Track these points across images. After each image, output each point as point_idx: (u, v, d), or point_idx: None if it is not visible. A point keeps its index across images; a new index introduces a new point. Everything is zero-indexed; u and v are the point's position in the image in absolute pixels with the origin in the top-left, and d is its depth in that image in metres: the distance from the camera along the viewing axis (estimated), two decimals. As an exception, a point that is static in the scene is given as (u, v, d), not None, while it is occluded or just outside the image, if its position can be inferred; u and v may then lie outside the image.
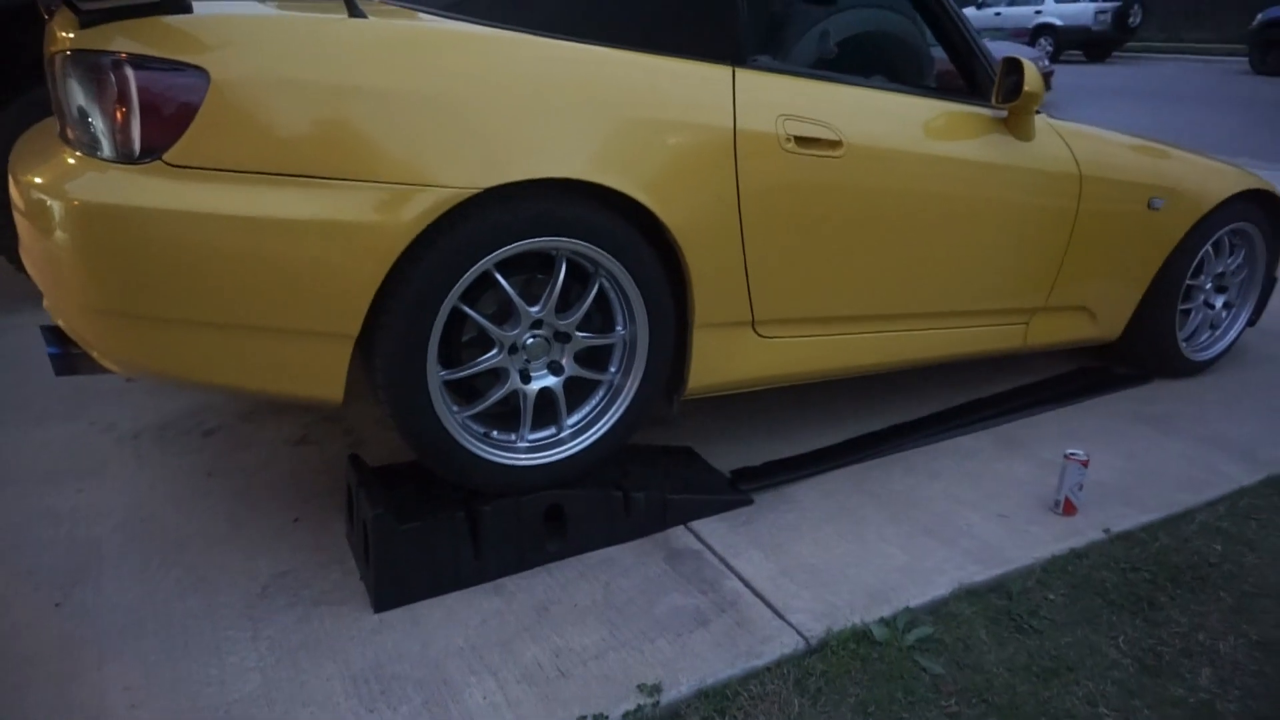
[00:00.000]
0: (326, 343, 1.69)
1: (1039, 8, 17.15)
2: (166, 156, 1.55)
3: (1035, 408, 2.78)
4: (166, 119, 1.55)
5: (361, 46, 1.64)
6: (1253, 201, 2.89)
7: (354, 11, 1.69)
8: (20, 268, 3.37)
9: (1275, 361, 3.18)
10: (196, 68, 1.55)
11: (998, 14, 17.77)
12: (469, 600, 1.88)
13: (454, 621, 1.82)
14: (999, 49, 11.33)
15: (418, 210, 1.64)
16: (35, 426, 2.61)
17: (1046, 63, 11.33)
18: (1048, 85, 11.09)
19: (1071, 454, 2.20)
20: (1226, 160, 2.96)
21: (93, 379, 2.88)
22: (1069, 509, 2.21)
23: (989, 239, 2.40)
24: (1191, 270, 2.84)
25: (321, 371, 1.71)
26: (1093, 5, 16.42)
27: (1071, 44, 16.95)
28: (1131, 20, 16.35)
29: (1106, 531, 2.16)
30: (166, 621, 1.80)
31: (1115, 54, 17.76)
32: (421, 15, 1.89)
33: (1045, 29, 16.93)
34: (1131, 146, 2.69)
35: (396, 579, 1.85)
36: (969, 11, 17.94)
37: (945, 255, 2.33)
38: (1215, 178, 2.78)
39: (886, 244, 2.22)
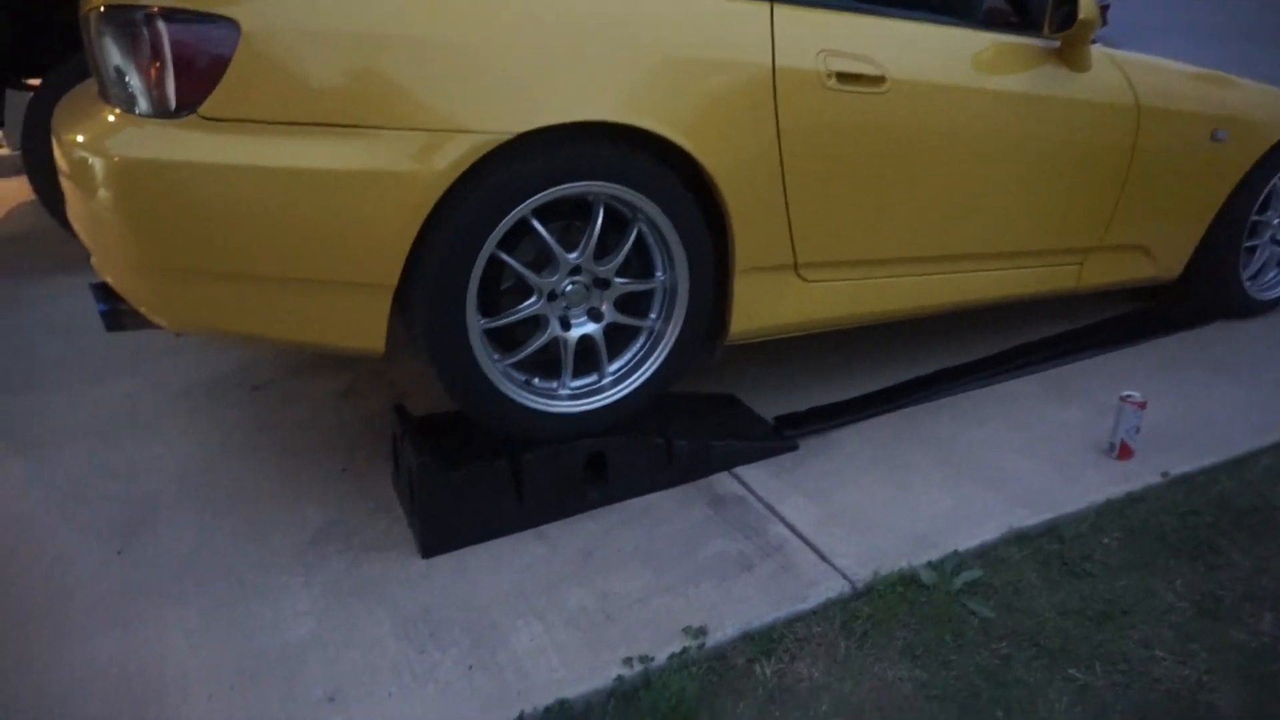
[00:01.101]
0: (366, 294, 1.69)
1: (1093, -60, 16.40)
2: (201, 110, 1.55)
3: (1088, 351, 2.70)
4: (199, 72, 1.55)
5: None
6: (1326, 133, 2.74)
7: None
8: (70, 230, 3.43)
9: (1345, 300, 3.05)
10: (227, 19, 1.54)
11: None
12: (513, 546, 1.90)
13: (499, 567, 1.83)
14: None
15: (452, 157, 1.62)
16: (92, 384, 2.67)
17: (1102, -3, 10.84)
18: (1103, 20, 10.65)
19: (1127, 396, 2.13)
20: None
21: (144, 338, 2.94)
22: (1124, 453, 2.15)
23: (1041, 176, 2.31)
24: (1258, 205, 2.71)
25: (362, 323, 1.72)
26: (1151, -64, 15.63)
27: (1128, -22, 16.20)
28: (1193, -50, 15.55)
29: (1164, 475, 2.10)
30: (222, 569, 1.85)
31: (1176, -13, 16.93)
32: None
33: (1100, -37, 16.19)
34: (1194, 76, 2.57)
35: (442, 526, 1.87)
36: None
37: (995, 193, 2.26)
38: (1283, 107, 2.65)
39: (933, 182, 2.15)
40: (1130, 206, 2.51)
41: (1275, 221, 2.86)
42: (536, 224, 1.76)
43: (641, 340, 1.99)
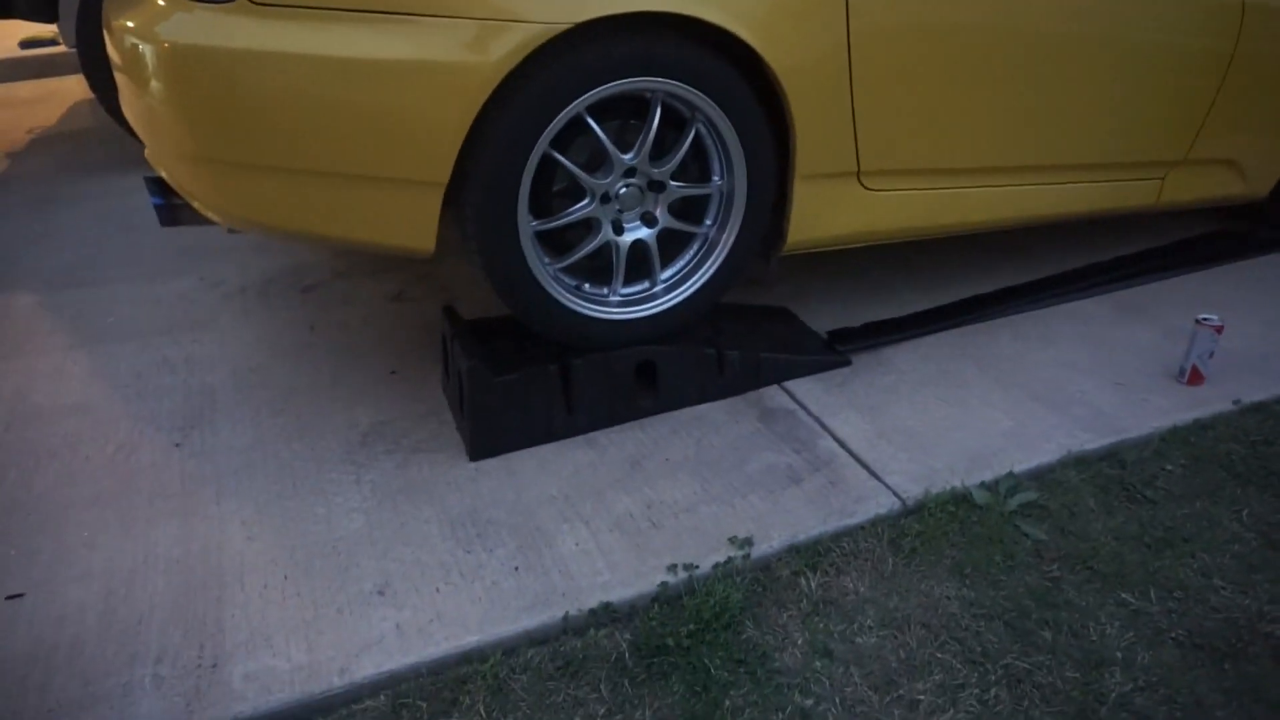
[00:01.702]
0: (416, 191, 1.65)
1: None
2: (252, -7, 1.51)
3: (1163, 272, 2.57)
4: (248, -47, 1.50)
5: None
6: None
7: None
8: (126, 126, 3.44)
9: None
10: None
11: None
12: (561, 452, 1.90)
13: (547, 472, 1.84)
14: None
15: (506, 48, 1.55)
16: (150, 283, 2.71)
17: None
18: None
19: (1204, 319, 2.03)
20: None
21: (199, 235, 2.96)
22: (1195, 378, 2.06)
23: (1126, 80, 2.16)
24: (1362, 119, 2.51)
25: (412, 221, 1.69)
26: None
27: None
28: None
29: (1236, 402, 2.01)
30: (276, 464, 1.89)
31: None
32: None
33: None
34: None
35: (491, 429, 1.88)
36: None
37: (1074, 100, 2.12)
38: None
39: (1007, 87, 2.02)
40: (1222, 116, 2.34)
41: (1380, 137, 2.65)
42: (591, 121, 1.70)
43: (695, 248, 1.94)
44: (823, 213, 1.98)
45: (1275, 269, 2.62)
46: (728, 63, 1.73)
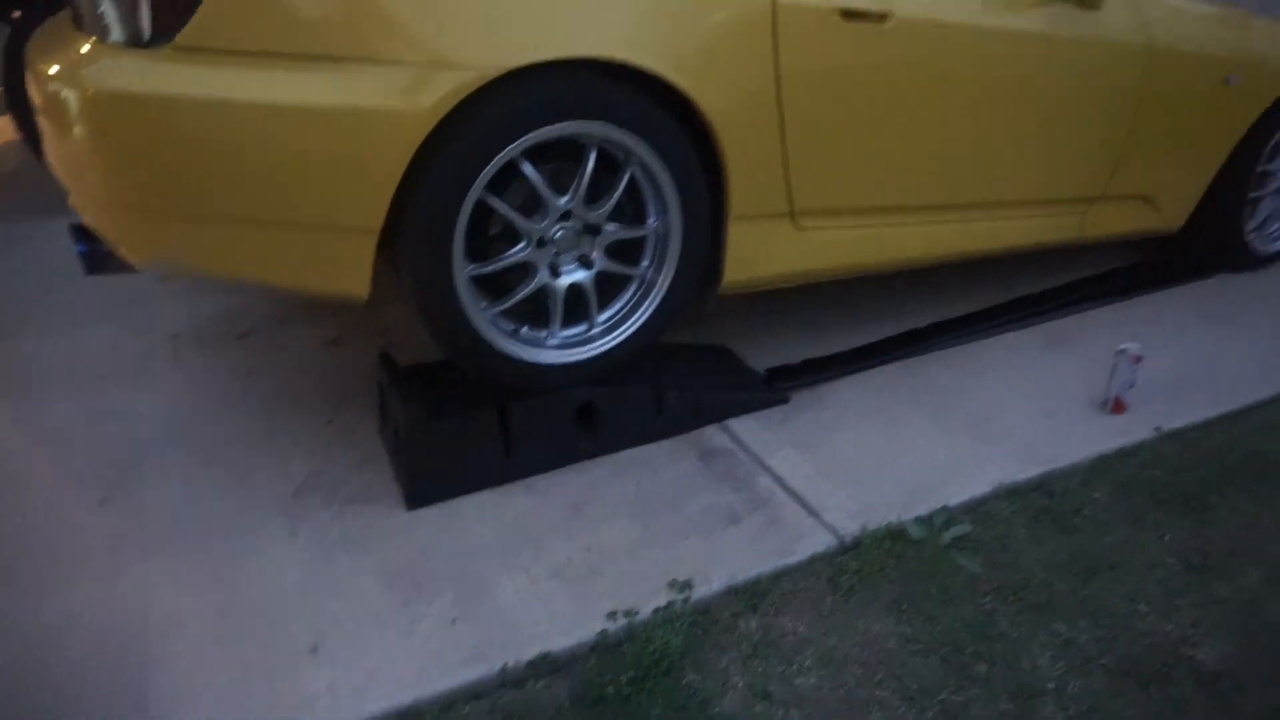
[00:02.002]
0: (349, 237, 1.64)
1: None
2: (179, 39, 1.49)
3: (1088, 303, 2.66)
4: (174, -2, 1.48)
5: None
6: (1340, 78, 2.66)
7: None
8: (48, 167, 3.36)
9: (1350, 253, 3.00)
10: (204, -58, 1.47)
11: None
12: (501, 498, 1.88)
13: (486, 519, 1.82)
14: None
15: (439, 94, 1.56)
16: (76, 330, 2.63)
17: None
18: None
19: (1124, 350, 2.10)
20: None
21: (129, 283, 2.88)
22: (1119, 407, 2.13)
23: (1047, 120, 2.24)
24: (1267, 155, 2.65)
25: (346, 267, 1.67)
26: None
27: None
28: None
29: (1158, 430, 2.08)
30: (207, 519, 1.84)
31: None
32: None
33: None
34: (1210, 16, 2.48)
35: (428, 477, 1.85)
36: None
37: (998, 139, 2.19)
38: (1299, 52, 2.56)
39: (936, 127, 2.08)
40: (1136, 154, 2.44)
41: (1282, 171, 2.80)
42: (526, 166, 1.71)
43: (632, 289, 1.95)
44: (758, 253, 2.01)
45: (1191, 298, 2.73)
46: (660, 106, 1.75)
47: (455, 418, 1.84)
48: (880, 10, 1.91)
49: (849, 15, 1.87)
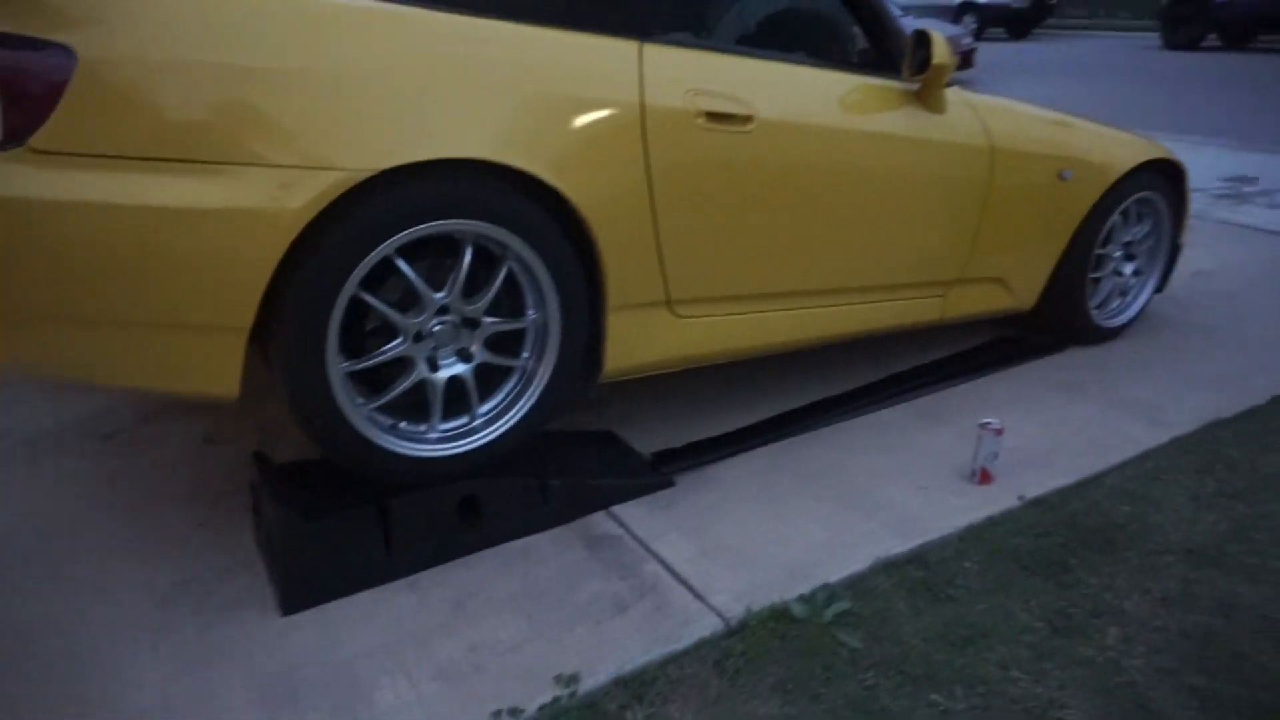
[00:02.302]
0: (217, 336, 1.61)
1: (963, -15, 17.41)
2: (32, 142, 1.46)
3: (954, 379, 2.82)
4: (28, 101, 1.46)
5: (246, 22, 1.56)
6: (1157, 171, 2.96)
7: (232, -14, 1.60)
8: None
9: (1182, 326, 3.28)
10: (61, 46, 1.47)
11: (923, -9, 17.98)
12: (382, 598, 1.83)
13: (366, 621, 1.76)
14: (925, 26, 11.46)
15: (310, 195, 1.56)
16: (-81, 436, 2.46)
17: (970, 40, 11.51)
18: (971, 62, 11.29)
19: (986, 424, 2.23)
20: (1135, 131, 3.02)
21: (-17, 383, 2.73)
22: (985, 478, 2.24)
23: (904, 212, 2.41)
24: (1101, 239, 2.90)
25: (213, 367, 1.63)
26: (1013, -17, 16.74)
27: (994, 21, 17.24)
28: (1050, -2, 16.73)
29: (1021, 498, 2.20)
30: (61, 639, 1.71)
31: (1036, 31, 18.15)
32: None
33: (969, 7, 17.17)
34: (1040, 119, 2.73)
35: (305, 580, 1.79)
36: (894, -11, 18.11)
37: (860, 229, 2.34)
38: (1120, 148, 2.84)
39: (801, 219, 2.21)
40: (987, 241, 2.64)
41: (1116, 254, 3.05)
42: (401, 263, 1.72)
43: (514, 380, 1.96)
44: (637, 341, 2.06)
45: (1045, 371, 2.92)
46: (534, 203, 1.80)
47: (331, 517, 1.79)
48: (744, 113, 2.03)
49: (714, 117, 1.99)
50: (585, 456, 2.19)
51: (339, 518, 1.79)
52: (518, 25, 1.82)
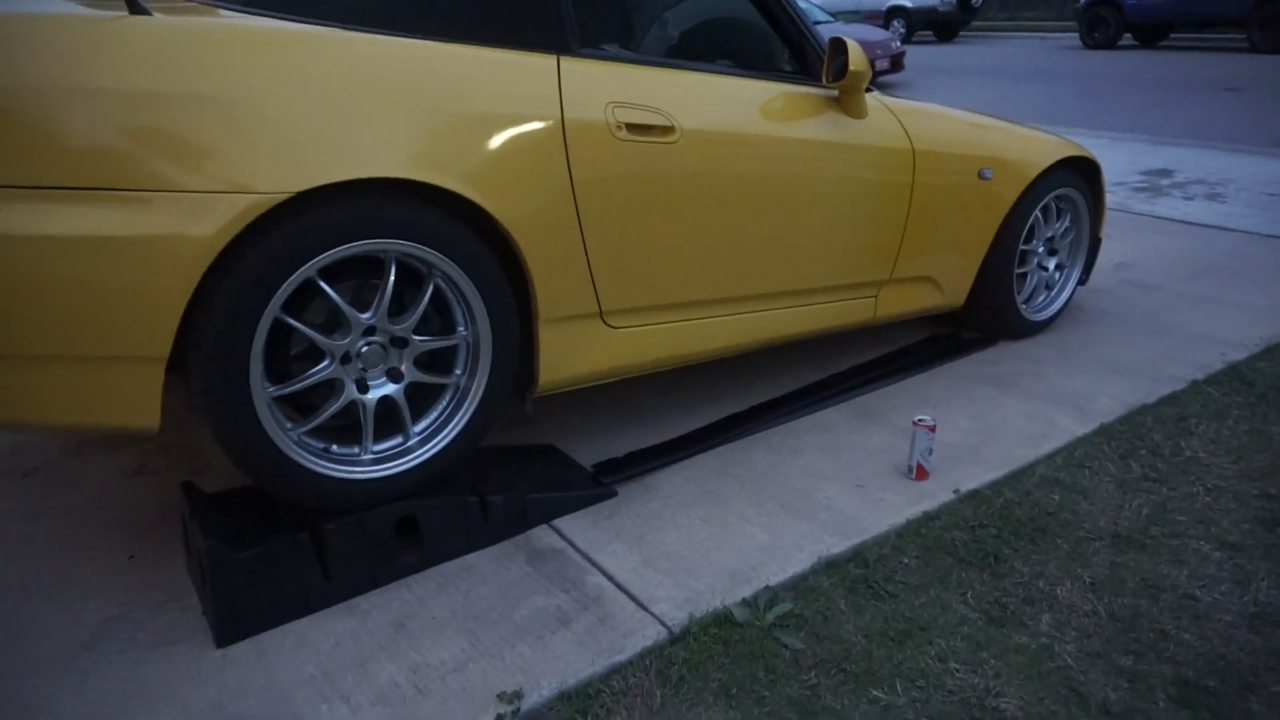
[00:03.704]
0: (134, 367, 1.57)
1: (890, -9, 17.81)
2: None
3: (890, 377, 2.87)
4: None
5: (147, 47, 1.53)
6: (1073, 168, 3.06)
7: (135, 8, 1.56)
8: None
9: (1106, 317, 3.39)
10: (-43, 75, 1.42)
11: (852, -3, 18.36)
12: (320, 624, 1.79)
13: (304, 649, 1.73)
14: (855, 31, 11.70)
15: (224, 219, 1.53)
16: None
17: (899, 44, 11.76)
18: (900, 65, 11.55)
19: (919, 420, 2.27)
20: (1052, 130, 3.12)
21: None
22: (920, 474, 2.29)
23: (831, 216, 2.45)
24: (1024, 236, 2.98)
25: (131, 399, 1.59)
26: (938, -12, 17.18)
27: (922, 25, 17.68)
28: (974, 1, 17.18)
29: (956, 492, 2.24)
30: (-23, 685, 1.64)
31: (962, 34, 18.65)
32: (221, 11, 1.77)
33: (897, 11, 17.59)
34: (958, 120, 2.81)
35: (238, 611, 1.74)
36: (825, -5, 18.45)
37: (789, 234, 2.37)
38: (1037, 147, 2.93)
39: (729, 226, 2.23)
40: (914, 242, 2.69)
41: (1039, 250, 3.15)
42: (323, 284, 1.70)
43: (447, 397, 1.95)
44: (571, 353, 2.06)
45: (977, 366, 2.99)
46: (457, 219, 1.79)
47: (264, 545, 1.75)
48: (665, 124, 2.05)
49: (635, 129, 2.00)
50: (526, 471, 2.18)
51: (271, 545, 1.76)
52: (434, 43, 1.81)
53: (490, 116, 1.80)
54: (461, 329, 1.90)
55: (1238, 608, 1.84)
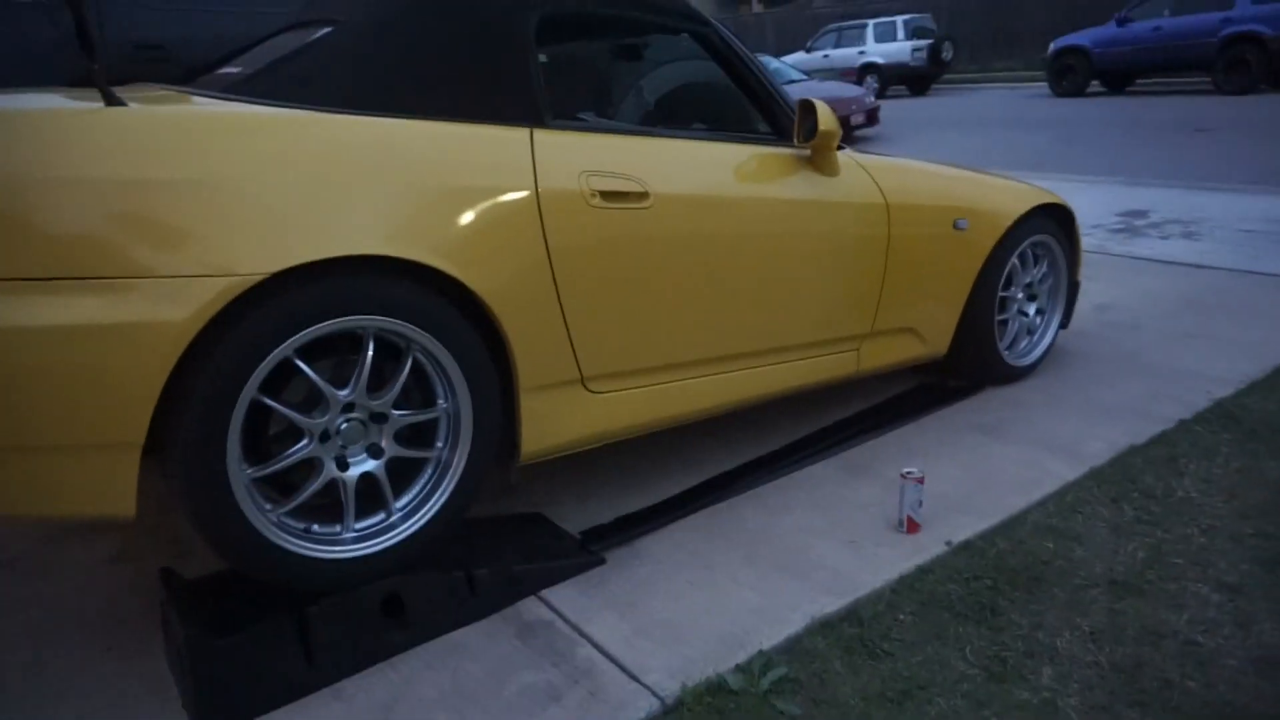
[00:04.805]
0: (108, 455, 1.55)
1: (862, 48, 18.29)
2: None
3: (878, 429, 2.86)
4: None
5: (123, 136, 1.55)
6: (1047, 215, 3.10)
7: (111, 100, 1.59)
8: None
9: (1090, 359, 3.41)
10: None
11: (826, 56, 18.84)
12: (305, 711, 1.74)
13: (287, 738, 1.68)
14: (829, 88, 11.97)
15: (198, 303, 1.54)
16: None
17: (873, 99, 12.04)
18: (875, 119, 11.80)
19: (907, 473, 2.26)
20: (1028, 176, 3.17)
21: None
22: (912, 527, 2.26)
23: (808, 272, 2.47)
24: (1002, 283, 3.01)
25: (106, 486, 1.57)
26: (909, 44, 17.64)
27: (895, 79, 18.13)
28: (944, 55, 17.65)
29: (948, 544, 2.22)
30: (-53, 792, 1.59)
31: (934, 86, 19.10)
32: (195, 98, 1.80)
33: (870, 68, 18.05)
34: (930, 173, 2.85)
35: (220, 701, 1.69)
36: (799, 56, 18.94)
37: (767, 292, 2.38)
38: (1010, 196, 2.97)
39: (707, 288, 2.24)
40: (893, 293, 2.71)
41: (1019, 296, 3.17)
42: (300, 363, 1.69)
43: (429, 471, 1.93)
44: (553, 421, 2.05)
45: (964, 414, 2.99)
46: (434, 293, 1.80)
47: (245, 632, 1.71)
48: (639, 190, 2.07)
49: (610, 196, 2.02)
50: (512, 541, 2.15)
51: (253, 632, 1.72)
52: (407, 121, 1.84)
53: (464, 190, 1.82)
54: (442, 401, 1.89)
55: (1242, 651, 1.81)
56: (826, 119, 2.36)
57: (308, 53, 1.85)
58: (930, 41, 17.53)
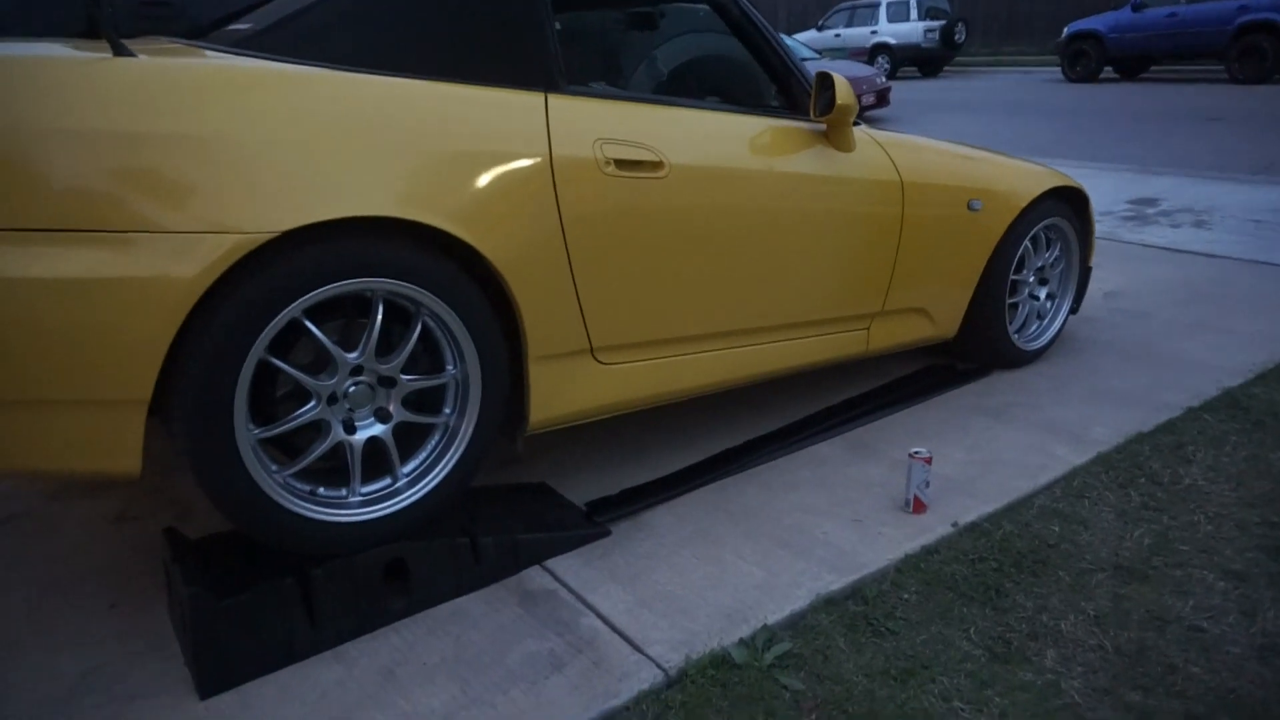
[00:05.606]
0: (115, 411, 1.54)
1: (874, 28, 18.09)
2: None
3: (885, 409, 2.85)
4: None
5: (132, 88, 1.52)
6: (1061, 198, 3.07)
7: (120, 50, 1.56)
8: None
9: (1098, 345, 3.39)
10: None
11: (838, 35, 18.64)
12: (306, 673, 1.74)
13: (289, 699, 1.67)
14: (840, 67, 11.85)
15: (207, 260, 1.51)
16: None
17: (883, 79, 11.91)
18: (886, 100, 11.69)
19: (915, 453, 2.25)
20: (1039, 161, 3.13)
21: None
22: (918, 507, 2.26)
23: (821, 248, 2.44)
24: (1014, 266, 2.98)
25: (112, 443, 1.55)
26: (921, 24, 17.45)
27: (906, 61, 17.95)
28: (957, 37, 17.46)
29: (954, 525, 2.21)
30: (-51, 743, 1.59)
31: (946, 69, 18.93)
32: (208, 52, 1.77)
33: (881, 48, 17.87)
34: (946, 153, 2.82)
35: (222, 660, 1.69)
36: (810, 34, 18.75)
37: (779, 268, 2.36)
38: (1025, 178, 2.94)
39: (719, 261, 2.22)
40: (905, 273, 2.69)
41: (1030, 279, 3.15)
42: (309, 324, 1.67)
43: (436, 437, 1.92)
44: (562, 391, 2.03)
45: (971, 397, 2.97)
46: (446, 258, 1.78)
47: (248, 592, 1.70)
48: (654, 160, 2.04)
49: (624, 165, 1.99)
50: (517, 510, 2.14)
51: (256, 592, 1.71)
52: (422, 82, 1.81)
53: (478, 154, 1.79)
54: (450, 368, 1.87)
55: (1246, 639, 1.80)
56: (844, 93, 2.33)
57: (322, 9, 1.81)
58: (943, 23, 17.34)
